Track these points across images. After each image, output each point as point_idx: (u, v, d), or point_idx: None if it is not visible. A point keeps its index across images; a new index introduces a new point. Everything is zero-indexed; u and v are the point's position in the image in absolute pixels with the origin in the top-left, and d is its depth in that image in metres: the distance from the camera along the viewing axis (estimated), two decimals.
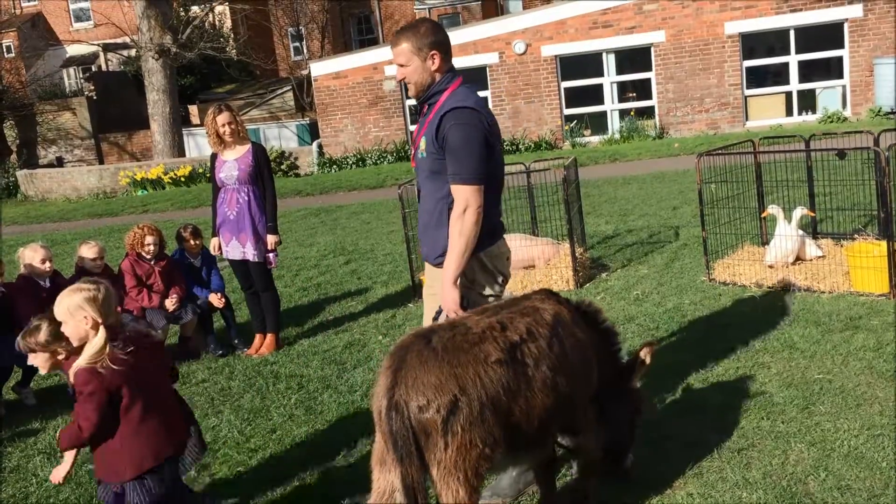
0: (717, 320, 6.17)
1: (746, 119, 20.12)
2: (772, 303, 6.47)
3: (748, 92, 20.08)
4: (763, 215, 7.77)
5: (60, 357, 3.65)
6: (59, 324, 3.46)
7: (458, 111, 3.68)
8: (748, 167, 7.97)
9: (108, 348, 3.37)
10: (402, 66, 3.80)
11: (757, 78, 20.13)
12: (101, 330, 3.39)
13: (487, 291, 3.88)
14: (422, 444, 2.98)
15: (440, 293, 3.70)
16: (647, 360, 3.83)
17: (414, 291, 7.76)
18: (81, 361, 3.37)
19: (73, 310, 3.40)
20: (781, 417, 4.46)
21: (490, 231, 3.83)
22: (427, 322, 3.96)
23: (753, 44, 19.91)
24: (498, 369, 3.08)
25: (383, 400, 3.00)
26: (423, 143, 3.79)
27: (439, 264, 3.83)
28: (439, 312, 3.78)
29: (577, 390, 3.43)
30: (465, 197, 3.64)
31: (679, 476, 3.98)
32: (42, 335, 3.61)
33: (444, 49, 3.82)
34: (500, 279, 3.92)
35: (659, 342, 5.82)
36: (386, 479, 3.11)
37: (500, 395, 3.06)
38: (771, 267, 7.16)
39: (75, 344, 3.46)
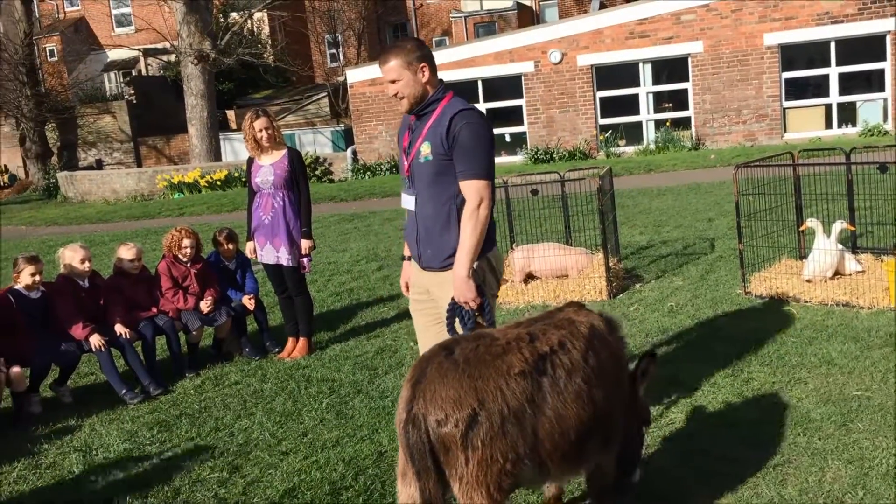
0: (752, 334, 6.09)
1: (785, 131, 19.89)
2: (810, 317, 6.37)
3: (787, 104, 19.85)
4: (801, 228, 7.66)
5: None
6: None
7: (468, 112, 3.86)
8: (787, 180, 7.86)
9: None
10: (393, 81, 3.92)
11: (796, 90, 19.90)
12: None
13: (493, 292, 4.01)
14: (441, 459, 2.94)
15: (456, 288, 3.78)
16: (651, 371, 3.75)
17: None
18: None
19: None
20: (818, 434, 4.39)
21: (492, 233, 3.99)
22: (426, 336, 4.00)
23: (793, 55, 19.68)
24: (521, 381, 3.01)
25: (402, 413, 2.98)
26: (425, 148, 3.91)
27: (445, 267, 3.92)
28: (453, 308, 3.82)
29: (614, 404, 3.37)
30: (479, 192, 3.79)
31: (713, 491, 3.93)
32: None
33: (431, 62, 3.96)
34: (499, 280, 4.09)
35: (657, 349, 5.76)
36: (408, 492, 3.09)
37: (525, 407, 2.99)
38: (809, 281, 7.05)
39: None
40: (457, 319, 3.85)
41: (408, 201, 4.05)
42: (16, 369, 5.71)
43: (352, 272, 9.85)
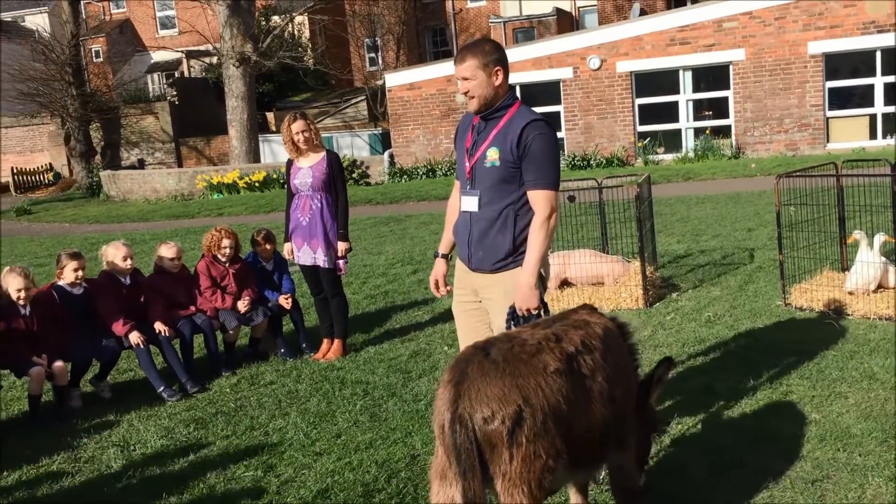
0: (792, 347, 5.99)
1: (828, 141, 19.57)
2: (851, 331, 6.26)
3: (830, 113, 19.53)
4: (848, 241, 7.53)
5: None
6: None
7: (540, 123, 3.92)
8: (829, 190, 7.73)
9: None
10: (466, 79, 3.96)
11: (840, 99, 19.56)
12: None
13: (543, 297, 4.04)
14: (486, 457, 2.96)
15: (521, 296, 3.82)
16: (665, 378, 3.78)
17: None
18: None
19: None
20: (859, 450, 4.31)
21: None
22: (470, 337, 3.99)
23: (837, 64, 19.36)
24: (557, 379, 3.07)
25: (446, 413, 2.99)
26: (492, 153, 3.94)
27: (496, 269, 3.98)
28: (513, 315, 3.83)
29: (628, 403, 3.46)
30: (549, 202, 3.88)
31: None
32: None
33: (506, 66, 3.99)
34: (546, 287, 4.11)
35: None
36: (446, 494, 3.09)
37: (561, 405, 3.05)
38: (851, 294, 6.93)
39: None
40: (512, 325, 3.85)
41: (469, 202, 4.07)
42: (58, 364, 5.82)
43: (387, 275, 9.89)
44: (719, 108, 20.56)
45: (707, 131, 20.42)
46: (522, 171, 3.91)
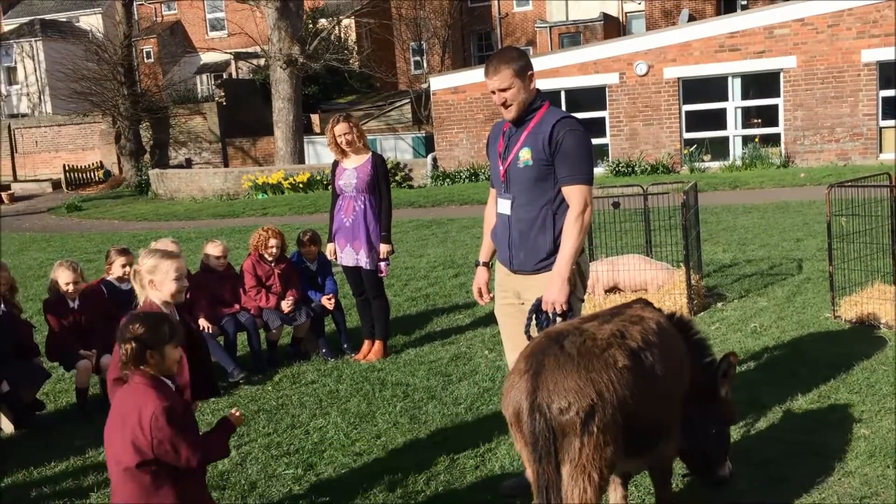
0: (841, 360, 5.86)
1: (880, 151, 19.13)
2: None
3: (883, 123, 19.08)
4: None
5: None
6: None
7: (570, 120, 4.02)
8: (882, 201, 7.55)
9: None
10: (504, 90, 4.00)
11: (894, 109, 19.11)
12: None
13: (581, 295, 4.12)
14: (557, 444, 3.16)
15: (551, 289, 3.85)
16: (731, 371, 3.89)
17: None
18: None
19: None
20: None
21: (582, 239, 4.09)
22: (516, 340, 3.99)
23: (892, 73, 18.92)
24: (626, 374, 3.25)
25: (524, 402, 3.17)
26: (525, 153, 4.01)
27: (538, 270, 4.03)
28: (536, 310, 3.87)
29: (678, 396, 3.60)
30: (584, 197, 3.94)
31: None
32: None
33: (533, 70, 4.09)
34: (585, 286, 4.20)
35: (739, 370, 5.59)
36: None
37: (628, 399, 3.22)
38: None
39: None
40: (534, 321, 3.88)
41: (506, 205, 4.12)
42: (106, 358, 5.92)
43: (428, 278, 9.90)
44: (768, 115, 20.22)
45: (756, 139, 20.10)
46: (556, 167, 3.97)
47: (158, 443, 3.09)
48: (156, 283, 3.85)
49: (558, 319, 3.86)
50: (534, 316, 3.92)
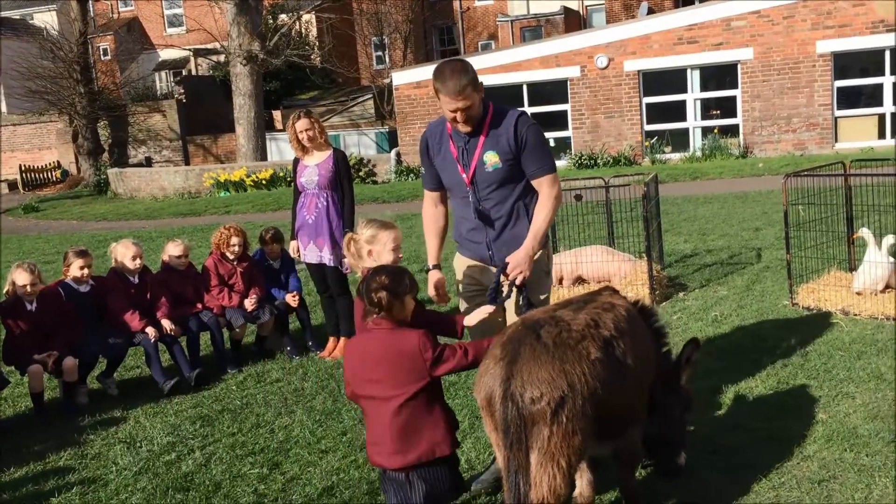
0: (799, 347, 5.97)
1: (836, 140, 19.50)
2: (859, 331, 6.23)
3: (839, 113, 19.46)
4: (853, 237, 7.50)
5: None
6: None
7: (525, 116, 4.14)
8: (837, 190, 7.70)
9: None
10: (469, 107, 3.97)
11: (849, 98, 19.49)
12: None
13: (546, 290, 4.30)
14: (527, 432, 3.23)
15: (517, 258, 3.96)
16: (693, 359, 3.97)
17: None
18: None
19: None
20: (866, 450, 4.29)
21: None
22: (481, 328, 4.07)
23: (846, 63, 19.29)
24: (598, 366, 3.33)
25: (498, 388, 3.25)
26: (491, 157, 4.07)
27: None
28: (503, 270, 3.96)
29: (646, 382, 3.67)
30: (554, 185, 4.12)
31: None
32: None
33: None
34: (550, 277, 4.40)
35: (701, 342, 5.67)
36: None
37: (599, 389, 3.30)
38: (859, 294, 6.90)
39: None
40: (502, 286, 4.00)
41: (469, 211, 4.17)
42: (68, 360, 5.84)
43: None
44: (727, 107, 20.50)
45: (715, 130, 20.37)
46: (522, 163, 4.09)
47: (434, 361, 3.47)
48: (374, 252, 4.01)
49: (512, 294, 3.98)
50: (499, 280, 4.01)
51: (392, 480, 3.56)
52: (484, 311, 3.91)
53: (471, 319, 3.95)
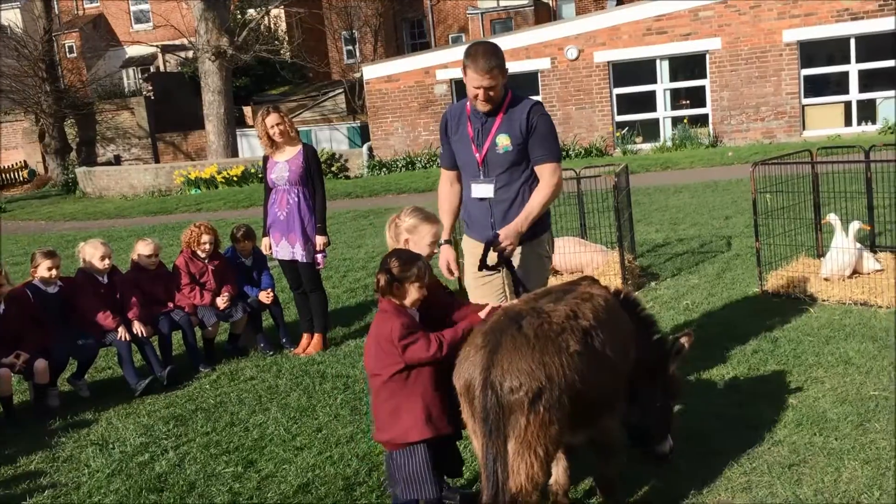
0: (769, 333, 6.05)
1: (803, 129, 19.73)
2: (827, 316, 6.32)
3: (806, 101, 19.68)
4: (822, 222, 7.60)
5: None
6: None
7: (539, 105, 4.38)
8: (805, 177, 7.80)
9: None
10: (493, 87, 4.23)
11: (815, 87, 19.72)
12: None
13: (545, 279, 4.53)
14: (505, 420, 3.28)
15: (508, 230, 4.14)
16: (685, 348, 4.05)
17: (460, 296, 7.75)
18: None
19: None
20: (835, 434, 4.36)
21: (547, 219, 4.47)
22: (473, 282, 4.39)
23: (812, 52, 19.51)
24: (576, 358, 3.38)
25: (478, 377, 3.30)
26: (503, 140, 4.30)
27: (528, 239, 4.31)
28: (494, 239, 4.12)
29: (623, 372, 3.71)
30: (555, 174, 4.30)
31: (728, 491, 3.91)
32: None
33: None
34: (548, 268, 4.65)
35: (695, 330, 5.73)
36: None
37: (576, 381, 3.36)
38: (827, 280, 7.00)
39: None
40: (490, 255, 4.15)
41: (484, 190, 4.37)
42: (39, 362, 5.76)
43: (367, 269, 9.86)
44: (697, 97, 20.66)
45: (685, 120, 20.52)
46: (529, 148, 4.29)
47: (403, 347, 3.57)
48: (412, 241, 4.09)
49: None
50: (489, 249, 4.15)
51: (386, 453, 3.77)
52: (488, 301, 4.02)
53: (474, 296, 4.11)
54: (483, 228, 4.42)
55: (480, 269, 4.19)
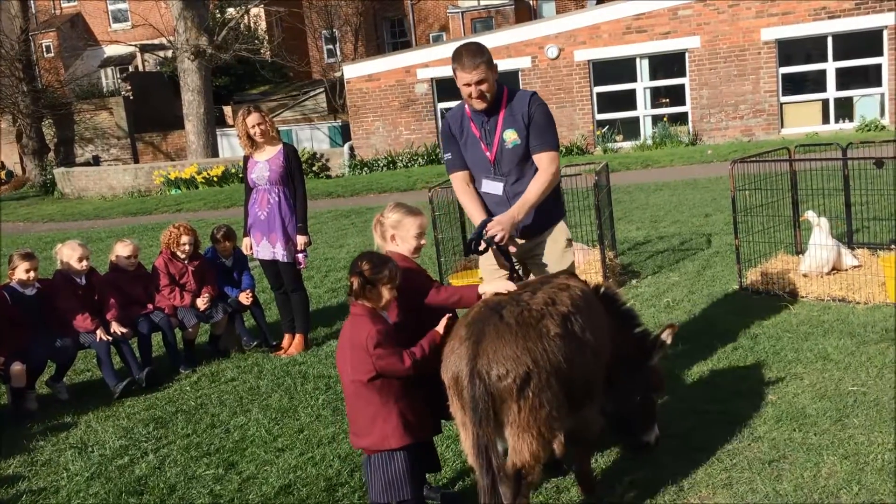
0: (749, 330, 6.09)
1: (782, 126, 19.89)
2: (806, 313, 6.37)
3: (784, 99, 19.84)
4: (802, 219, 7.67)
5: None
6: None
7: (538, 96, 4.48)
8: (783, 175, 7.86)
9: None
10: (480, 83, 4.30)
11: (793, 85, 19.89)
12: None
13: (572, 250, 4.64)
14: (496, 408, 3.33)
15: (503, 218, 4.23)
16: (668, 341, 4.09)
17: None
18: None
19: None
20: (814, 429, 4.39)
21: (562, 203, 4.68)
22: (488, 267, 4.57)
23: (790, 50, 19.67)
24: (558, 341, 3.46)
25: (465, 367, 3.34)
26: (510, 135, 4.40)
27: (546, 227, 4.49)
28: (483, 226, 4.24)
29: (602, 361, 3.77)
30: (553, 163, 4.40)
31: (708, 487, 3.94)
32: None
33: None
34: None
35: (679, 325, 5.76)
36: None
37: (561, 363, 3.43)
38: (805, 276, 7.06)
39: None
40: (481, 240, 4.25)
41: (495, 187, 4.46)
42: (16, 366, 5.70)
43: (348, 268, 9.82)
44: (676, 95, 20.77)
45: (664, 118, 20.62)
46: (530, 137, 4.38)
47: (377, 357, 3.55)
48: (398, 237, 4.06)
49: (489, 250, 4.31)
50: (481, 232, 4.25)
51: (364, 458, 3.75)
52: (500, 285, 3.98)
53: (485, 288, 4.09)
54: None
55: (466, 253, 4.30)
